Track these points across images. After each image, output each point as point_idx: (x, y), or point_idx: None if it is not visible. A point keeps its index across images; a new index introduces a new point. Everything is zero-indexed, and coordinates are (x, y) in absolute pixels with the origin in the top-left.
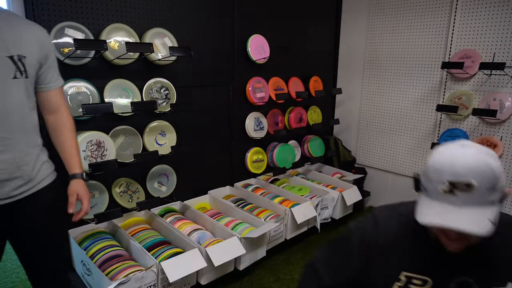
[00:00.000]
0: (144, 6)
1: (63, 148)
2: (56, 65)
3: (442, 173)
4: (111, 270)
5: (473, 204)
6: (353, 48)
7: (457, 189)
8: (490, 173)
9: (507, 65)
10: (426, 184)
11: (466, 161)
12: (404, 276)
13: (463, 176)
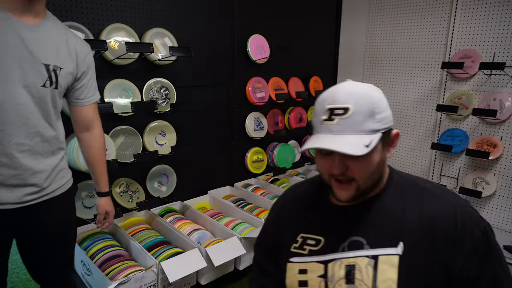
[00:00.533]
0: (144, 6)
1: (94, 167)
2: (94, 81)
3: (323, 103)
4: (111, 270)
5: (351, 131)
6: (353, 48)
7: (335, 114)
8: (368, 99)
9: (507, 65)
10: (313, 121)
11: (346, 89)
12: (300, 237)
13: (341, 101)
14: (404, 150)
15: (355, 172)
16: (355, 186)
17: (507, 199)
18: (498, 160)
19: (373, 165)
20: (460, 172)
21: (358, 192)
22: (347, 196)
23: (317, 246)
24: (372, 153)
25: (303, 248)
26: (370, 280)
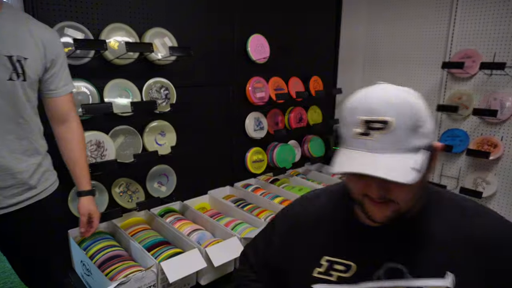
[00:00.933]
0: (144, 6)
1: (72, 163)
2: (66, 70)
3: (355, 112)
4: (111, 270)
5: (393, 149)
6: (353, 48)
7: (372, 128)
8: (410, 110)
9: (507, 65)
10: (342, 131)
11: (383, 97)
12: (325, 261)
13: (378, 111)
14: None
15: (397, 195)
16: (393, 208)
17: (507, 199)
18: (498, 160)
19: (416, 187)
20: (461, 172)
21: (397, 214)
22: (384, 217)
23: (348, 273)
24: None
25: (330, 274)
26: None
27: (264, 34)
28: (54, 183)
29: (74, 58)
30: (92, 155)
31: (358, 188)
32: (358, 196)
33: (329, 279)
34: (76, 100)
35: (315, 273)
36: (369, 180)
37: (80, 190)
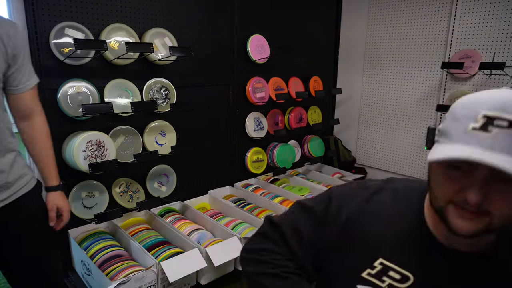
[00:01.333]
0: (144, 6)
1: (39, 159)
2: (29, 65)
3: (477, 106)
4: (111, 270)
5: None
6: (353, 48)
7: (493, 125)
8: None
9: (507, 65)
10: (448, 128)
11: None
12: (379, 264)
13: (508, 109)
14: (404, 150)
15: (497, 206)
16: (486, 222)
17: None
18: None
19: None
20: None
21: (486, 230)
22: (471, 230)
23: (403, 284)
24: None
25: (382, 279)
26: None
27: (264, 34)
28: (31, 180)
29: (75, 58)
30: (93, 155)
31: (447, 190)
32: (442, 201)
33: (378, 284)
34: (76, 100)
35: (364, 273)
36: (466, 179)
37: (47, 186)
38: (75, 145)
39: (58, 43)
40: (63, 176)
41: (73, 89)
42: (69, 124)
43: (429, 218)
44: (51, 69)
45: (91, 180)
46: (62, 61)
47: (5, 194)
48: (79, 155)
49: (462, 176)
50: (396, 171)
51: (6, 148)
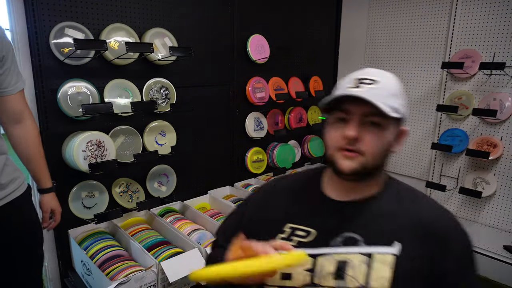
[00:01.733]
0: (144, 6)
1: (31, 162)
2: (16, 68)
3: (351, 76)
4: (111, 270)
5: (376, 98)
6: (353, 48)
7: (362, 83)
8: (395, 82)
9: (507, 65)
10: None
11: (373, 70)
12: (288, 227)
13: (370, 74)
14: (404, 150)
15: (366, 144)
16: (360, 161)
17: (507, 199)
18: (498, 160)
19: (384, 143)
20: (460, 172)
21: (362, 168)
22: (351, 168)
23: (307, 238)
24: (387, 131)
25: (291, 239)
26: (363, 277)
27: (264, 34)
28: (23, 183)
29: (74, 58)
30: (92, 155)
31: (335, 138)
32: (332, 149)
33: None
34: (76, 100)
35: (278, 238)
36: (348, 126)
37: (41, 188)
38: (75, 145)
39: (58, 43)
40: (63, 176)
41: (73, 89)
42: (69, 124)
43: (325, 184)
44: (51, 69)
45: (91, 180)
46: (62, 61)
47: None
48: (79, 155)
49: (344, 126)
50: (396, 171)
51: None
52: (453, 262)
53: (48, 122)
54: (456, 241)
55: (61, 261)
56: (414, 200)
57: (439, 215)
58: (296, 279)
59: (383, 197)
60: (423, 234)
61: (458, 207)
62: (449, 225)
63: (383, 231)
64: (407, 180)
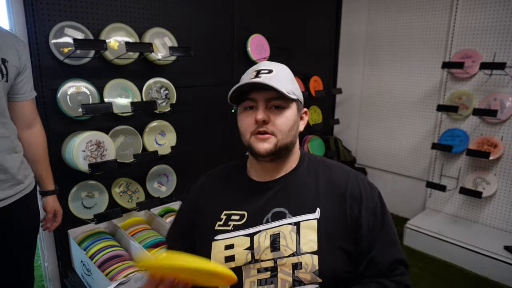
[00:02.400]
0: (144, 6)
1: (37, 165)
2: (31, 77)
3: (251, 69)
4: (111, 270)
5: (275, 84)
6: (353, 48)
7: (261, 73)
8: (287, 70)
9: (507, 65)
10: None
11: (269, 62)
12: (224, 214)
13: (266, 66)
14: (404, 150)
15: (275, 125)
16: (274, 141)
17: (507, 199)
18: (498, 160)
19: (290, 121)
20: (461, 172)
21: (276, 148)
22: (266, 149)
23: (242, 221)
24: (289, 111)
25: (228, 224)
26: (294, 244)
27: (264, 34)
28: (33, 179)
29: (74, 58)
30: (92, 155)
31: (247, 123)
32: (247, 135)
33: (227, 229)
34: (76, 100)
35: (216, 226)
36: (254, 112)
37: (46, 190)
38: (75, 145)
39: (57, 43)
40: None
41: (73, 89)
42: (68, 124)
43: (249, 170)
44: (50, 69)
45: (91, 180)
46: (61, 61)
47: (18, 188)
48: (79, 155)
49: (253, 112)
50: (396, 171)
51: (15, 148)
52: (367, 215)
53: (48, 122)
54: (366, 197)
55: (61, 261)
56: (326, 168)
57: (348, 178)
58: (238, 259)
59: (300, 170)
60: (338, 196)
61: (459, 207)
62: (357, 184)
63: (305, 201)
64: (407, 180)
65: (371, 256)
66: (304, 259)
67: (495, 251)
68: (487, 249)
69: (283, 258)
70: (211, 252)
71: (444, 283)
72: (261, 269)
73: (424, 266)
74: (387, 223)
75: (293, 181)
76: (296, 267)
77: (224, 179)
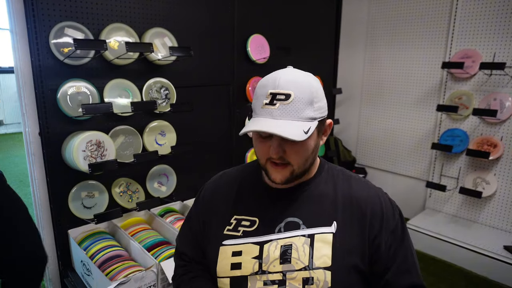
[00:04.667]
0: (144, 6)
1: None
2: None
3: (266, 87)
4: (111, 270)
5: (291, 117)
6: (353, 47)
7: (277, 99)
8: (308, 88)
9: (507, 65)
10: (254, 104)
11: (288, 77)
12: (234, 219)
13: (283, 87)
14: (404, 150)
15: (292, 157)
16: (290, 170)
17: (507, 199)
18: (498, 160)
19: (309, 150)
20: (461, 172)
21: (293, 175)
22: (282, 178)
23: (252, 227)
24: (309, 140)
25: (237, 230)
26: (306, 258)
27: (264, 34)
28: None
29: (74, 58)
30: (92, 155)
31: (262, 150)
32: (263, 160)
33: (236, 234)
34: (76, 100)
35: (225, 231)
36: (269, 142)
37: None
38: (75, 145)
39: (57, 43)
40: (62, 176)
41: (73, 89)
42: (69, 124)
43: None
44: (50, 69)
45: (91, 180)
46: (61, 61)
47: None
48: (79, 155)
49: (268, 141)
50: (396, 171)
51: None
52: (386, 235)
53: (48, 122)
54: (387, 216)
55: (61, 261)
56: (346, 180)
57: (369, 193)
58: (245, 267)
59: (318, 181)
60: (357, 212)
61: (458, 207)
62: (379, 202)
63: (321, 212)
64: (408, 180)
65: (386, 278)
66: (316, 274)
67: (495, 251)
68: (487, 249)
69: (293, 272)
70: (218, 257)
71: (444, 283)
72: (267, 282)
73: (424, 266)
74: (407, 244)
75: (310, 190)
76: (307, 282)
77: (238, 181)
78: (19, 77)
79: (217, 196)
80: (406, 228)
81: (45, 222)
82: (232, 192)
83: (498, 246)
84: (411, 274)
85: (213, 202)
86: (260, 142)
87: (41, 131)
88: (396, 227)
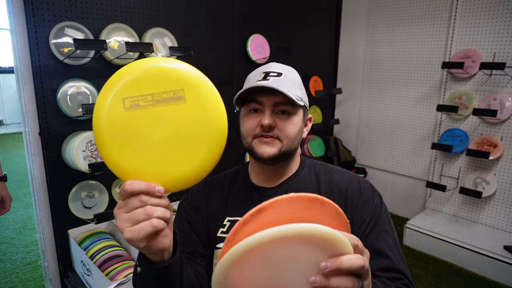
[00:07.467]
0: (144, 6)
1: None
2: None
3: (258, 70)
4: (111, 270)
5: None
6: (353, 47)
7: (270, 75)
8: (296, 75)
9: (507, 65)
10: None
11: (277, 65)
12: (227, 221)
13: (275, 68)
14: (404, 150)
15: (282, 130)
16: (278, 145)
17: (507, 199)
18: (498, 160)
19: (296, 128)
20: (461, 172)
21: (280, 152)
22: (270, 153)
23: None
24: (296, 117)
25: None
26: None
27: (264, 34)
28: None
29: (74, 58)
30: (92, 155)
31: (251, 126)
32: (249, 138)
33: None
34: (76, 100)
35: (219, 233)
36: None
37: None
38: (75, 145)
39: (57, 43)
40: (62, 176)
41: (73, 89)
42: (69, 124)
43: (251, 174)
44: (50, 69)
45: (91, 180)
46: (61, 61)
47: None
48: (79, 155)
49: (258, 115)
50: (396, 171)
51: None
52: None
53: (48, 122)
54: (366, 196)
55: (61, 261)
56: (327, 173)
57: (349, 180)
58: None
59: (302, 175)
60: (339, 198)
61: (458, 207)
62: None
63: None
64: (407, 180)
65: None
66: None
67: (494, 251)
68: (487, 249)
69: None
70: (213, 260)
71: (444, 283)
72: None
73: (424, 266)
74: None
75: (295, 185)
76: None
77: (227, 184)
78: (19, 77)
79: (207, 200)
80: (389, 216)
81: (45, 222)
82: (221, 195)
83: (498, 246)
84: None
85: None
86: (250, 118)
87: (41, 131)
88: (375, 209)
